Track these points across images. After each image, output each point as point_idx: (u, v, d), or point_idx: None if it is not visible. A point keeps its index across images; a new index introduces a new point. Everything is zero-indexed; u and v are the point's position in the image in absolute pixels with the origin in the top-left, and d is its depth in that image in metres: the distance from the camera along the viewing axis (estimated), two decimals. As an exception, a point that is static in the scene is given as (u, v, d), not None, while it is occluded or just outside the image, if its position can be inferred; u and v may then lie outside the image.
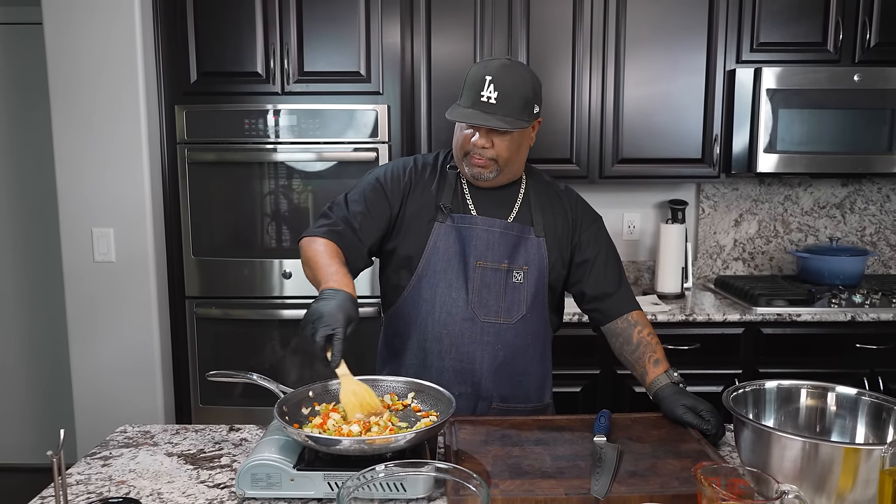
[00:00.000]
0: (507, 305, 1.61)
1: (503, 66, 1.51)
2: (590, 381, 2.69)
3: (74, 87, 2.61)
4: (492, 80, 1.49)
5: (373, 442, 1.16)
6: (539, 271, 1.63)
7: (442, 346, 1.60)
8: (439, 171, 1.66)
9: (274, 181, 2.76)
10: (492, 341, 1.60)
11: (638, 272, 3.27)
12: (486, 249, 1.60)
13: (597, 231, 1.70)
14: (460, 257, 1.60)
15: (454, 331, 1.59)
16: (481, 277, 1.60)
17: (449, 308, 1.59)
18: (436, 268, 1.60)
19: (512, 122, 1.50)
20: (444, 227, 1.60)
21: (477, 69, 1.53)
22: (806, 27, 2.81)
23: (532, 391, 1.68)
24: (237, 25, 2.70)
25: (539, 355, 1.69)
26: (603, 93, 2.85)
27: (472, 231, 1.60)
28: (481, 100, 1.49)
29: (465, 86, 1.54)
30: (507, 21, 2.80)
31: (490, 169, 1.56)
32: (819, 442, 1.07)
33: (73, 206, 2.66)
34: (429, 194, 1.63)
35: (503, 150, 1.54)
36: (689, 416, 1.43)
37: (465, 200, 1.63)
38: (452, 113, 1.53)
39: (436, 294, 1.60)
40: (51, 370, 3.38)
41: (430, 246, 1.60)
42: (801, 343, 2.67)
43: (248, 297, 2.80)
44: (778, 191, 3.24)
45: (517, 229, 1.62)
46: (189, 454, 1.39)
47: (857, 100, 2.75)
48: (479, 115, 1.49)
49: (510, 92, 1.49)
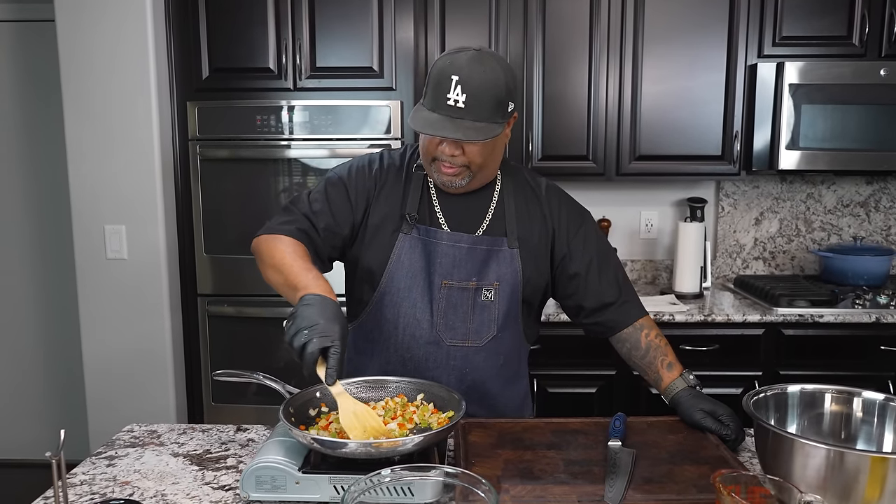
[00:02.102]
0: (475, 327, 1.48)
1: (471, 61, 1.32)
2: (605, 381, 2.65)
3: (86, 84, 2.61)
4: (459, 81, 1.31)
5: (380, 445, 1.13)
6: (512, 286, 1.49)
7: (405, 370, 1.48)
8: (405, 173, 1.51)
9: (287, 178, 2.74)
10: (459, 365, 1.49)
11: (655, 271, 3.22)
12: (451, 267, 1.46)
13: (585, 235, 1.54)
14: (425, 275, 1.47)
15: (418, 355, 1.48)
16: (447, 298, 1.46)
17: (412, 331, 1.48)
18: (399, 285, 1.47)
19: (483, 130, 1.33)
20: (410, 239, 1.47)
21: (442, 64, 1.34)
22: (830, 20, 2.74)
23: (508, 412, 1.57)
24: (249, 21, 2.69)
25: (512, 374, 1.58)
26: (620, 89, 2.80)
27: (437, 247, 1.46)
28: (447, 103, 1.31)
29: (428, 82, 1.36)
30: (523, 16, 2.76)
31: (462, 176, 1.42)
32: (844, 450, 1.03)
33: (86, 204, 2.66)
34: (394, 200, 1.49)
35: (475, 155, 1.39)
36: (708, 420, 1.38)
37: (433, 208, 1.49)
38: (415, 120, 1.36)
39: (399, 315, 1.48)
40: (64, 368, 3.39)
41: (394, 260, 1.47)
42: (824, 345, 2.61)
43: (261, 296, 2.79)
44: (800, 189, 3.17)
45: (487, 242, 1.48)
46: (195, 455, 1.37)
47: (883, 95, 2.67)
48: (446, 124, 1.32)
49: (480, 94, 1.31)
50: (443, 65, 1.34)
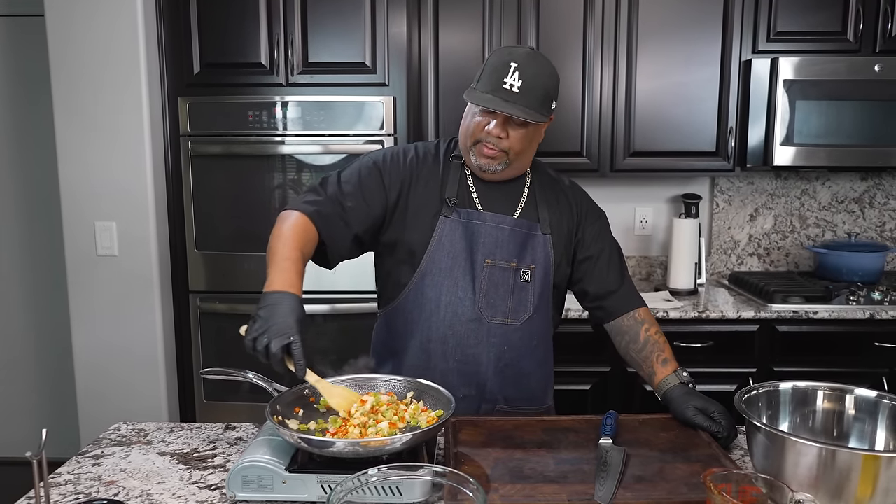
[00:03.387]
0: (514, 306, 1.55)
1: (528, 55, 1.45)
2: (599, 378, 2.64)
3: (77, 79, 2.58)
4: (517, 68, 1.42)
5: (367, 444, 1.12)
6: (545, 270, 1.57)
7: (447, 347, 1.54)
8: (442, 160, 1.59)
9: (280, 174, 2.72)
10: (498, 343, 1.55)
11: (650, 267, 3.21)
12: (494, 247, 1.54)
13: (601, 228, 1.64)
14: (467, 254, 1.53)
15: (460, 332, 1.54)
16: (489, 276, 1.54)
17: (455, 308, 1.53)
18: (440, 265, 1.53)
19: (532, 115, 1.43)
20: (450, 222, 1.53)
21: (500, 54, 1.46)
22: (825, 16, 2.73)
23: (536, 393, 1.63)
24: (241, 16, 2.66)
25: (543, 356, 1.63)
26: (615, 85, 2.79)
27: (480, 227, 1.54)
28: (503, 86, 1.42)
29: (484, 70, 1.47)
30: (517, 11, 2.74)
31: (500, 161, 1.50)
32: (836, 448, 1.02)
33: (76, 200, 2.64)
34: (433, 186, 1.56)
35: (517, 141, 1.48)
36: (700, 418, 1.37)
37: (470, 194, 1.57)
38: (472, 95, 1.47)
39: (441, 293, 1.53)
40: (54, 365, 3.36)
41: (435, 241, 1.53)
42: (818, 341, 2.60)
43: (253, 292, 2.76)
44: (795, 185, 3.16)
45: (525, 226, 1.56)
46: (182, 453, 1.35)
47: (878, 91, 2.66)
48: (500, 103, 1.42)
49: (534, 82, 1.43)
50: (501, 54, 1.47)
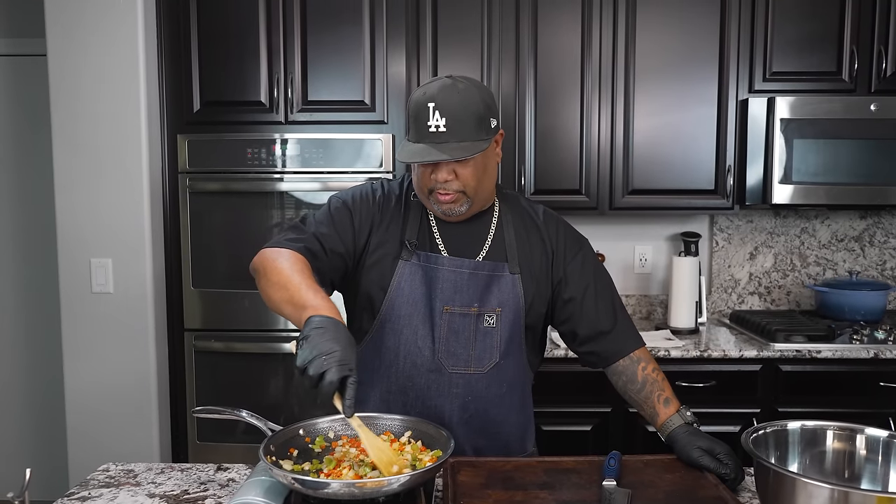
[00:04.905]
0: (477, 354, 1.46)
1: (444, 88, 1.35)
2: (600, 419, 2.59)
3: (76, 117, 2.59)
4: (436, 107, 1.33)
5: (364, 485, 1.08)
6: (515, 312, 1.48)
7: (407, 398, 1.47)
8: (404, 201, 1.51)
9: (279, 211, 2.72)
10: (461, 393, 1.46)
11: (650, 306, 3.18)
12: (453, 293, 1.45)
13: (582, 260, 1.53)
14: (426, 301, 1.45)
15: (420, 383, 1.46)
16: (448, 324, 1.45)
17: (414, 358, 1.46)
18: (399, 312, 1.46)
19: (469, 147, 1.34)
20: (410, 265, 1.46)
21: (417, 97, 1.37)
22: (820, 56, 2.76)
23: (511, 441, 1.54)
24: (241, 55, 2.69)
25: (518, 403, 1.54)
26: (612, 123, 2.80)
27: (438, 272, 1.45)
28: (429, 131, 1.33)
29: (409, 117, 1.39)
30: (515, 51, 2.77)
31: (460, 202, 1.41)
32: (849, 490, 0.99)
33: (72, 236, 2.62)
34: (394, 228, 1.48)
35: (469, 178, 1.39)
36: (706, 459, 1.33)
37: (433, 235, 1.49)
38: (402, 153, 1.38)
39: (399, 342, 1.46)
40: (46, 402, 3.30)
41: (394, 287, 1.45)
42: (822, 381, 2.56)
43: (250, 331, 2.73)
44: (794, 223, 3.16)
45: (488, 268, 1.47)
46: (172, 495, 1.31)
47: (875, 130, 2.68)
48: (431, 150, 1.33)
49: (459, 114, 1.33)
50: (418, 96, 1.37)
